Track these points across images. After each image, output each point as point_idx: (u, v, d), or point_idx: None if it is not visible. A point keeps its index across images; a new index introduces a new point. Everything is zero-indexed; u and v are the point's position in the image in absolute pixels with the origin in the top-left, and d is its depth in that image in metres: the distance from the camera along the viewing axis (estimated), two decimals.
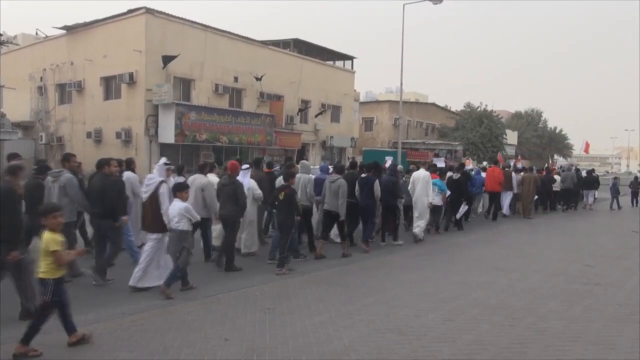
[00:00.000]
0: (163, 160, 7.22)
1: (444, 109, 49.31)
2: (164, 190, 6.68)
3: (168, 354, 4.40)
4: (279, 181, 8.80)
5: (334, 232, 9.71)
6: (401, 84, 26.60)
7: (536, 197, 16.75)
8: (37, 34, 29.96)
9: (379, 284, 7.02)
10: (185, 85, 24.28)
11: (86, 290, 6.44)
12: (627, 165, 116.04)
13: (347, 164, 15.05)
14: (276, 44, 30.44)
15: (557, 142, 70.97)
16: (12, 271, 5.20)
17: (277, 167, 12.88)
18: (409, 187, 11.23)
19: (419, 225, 10.86)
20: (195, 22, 24.50)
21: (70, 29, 25.57)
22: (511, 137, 52.55)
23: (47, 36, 28.43)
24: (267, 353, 4.44)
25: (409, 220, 11.68)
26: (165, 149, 22.73)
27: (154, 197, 6.63)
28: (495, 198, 15.21)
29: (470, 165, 18.04)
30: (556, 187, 18.47)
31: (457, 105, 65.54)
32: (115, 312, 5.54)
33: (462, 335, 5.02)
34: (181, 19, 23.98)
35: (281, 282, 6.98)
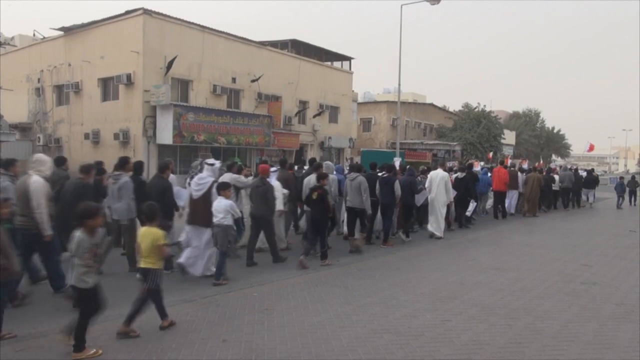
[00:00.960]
0: (218, 162, 7.94)
1: (442, 109, 49.38)
2: (215, 190, 7.35)
3: (166, 354, 4.40)
4: (308, 181, 9.29)
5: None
6: (399, 84, 26.65)
7: None
8: (34, 35, 29.92)
9: (377, 284, 7.03)
10: (183, 86, 24.27)
11: None
12: (625, 165, 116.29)
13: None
14: (274, 44, 30.45)
15: (555, 142, 71.18)
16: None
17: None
18: (425, 186, 11.70)
19: (439, 224, 11.45)
20: (193, 23, 24.49)
21: (67, 30, 25.55)
22: (509, 137, 52.66)
23: (44, 37, 28.40)
24: (265, 354, 4.45)
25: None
26: (163, 150, 22.74)
27: (207, 195, 7.29)
28: (500, 197, 15.79)
29: (478, 166, 18.69)
30: (555, 186, 19.00)
31: (455, 106, 65.63)
32: (112, 314, 5.52)
33: (460, 335, 5.03)
34: (179, 20, 23.98)
35: (279, 283, 6.99)
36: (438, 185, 11.43)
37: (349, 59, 36.02)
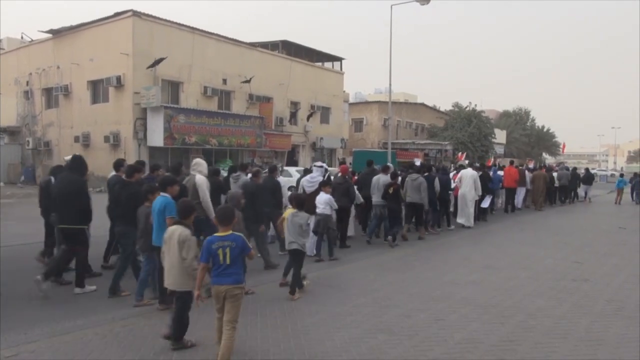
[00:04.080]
0: (325, 164, 10.33)
1: (433, 109, 49.52)
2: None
3: (159, 357, 4.38)
4: (377, 180, 10.55)
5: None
6: (390, 84, 26.70)
7: None
8: (22, 37, 29.63)
9: (370, 284, 7.03)
10: (173, 88, 24.17)
11: (76, 296, 6.39)
12: (615, 162, 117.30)
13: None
14: (264, 45, 30.40)
15: (546, 141, 71.59)
16: (256, 239, 7.83)
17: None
18: (456, 183, 13.39)
19: (468, 217, 13.04)
20: (183, 25, 24.40)
21: (56, 33, 25.35)
22: (500, 136, 52.94)
23: (32, 40, 28.15)
24: (259, 355, 4.44)
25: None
26: (154, 152, 22.62)
27: (318, 190, 8.81)
28: (511, 193, 17.34)
29: (489, 164, 20.38)
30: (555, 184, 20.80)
31: (446, 105, 65.90)
32: (105, 317, 5.50)
33: (453, 334, 5.05)
34: (168, 21, 23.87)
35: (272, 285, 6.96)
36: (467, 182, 12.99)
37: (339, 59, 36.05)
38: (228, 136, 25.12)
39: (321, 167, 9.87)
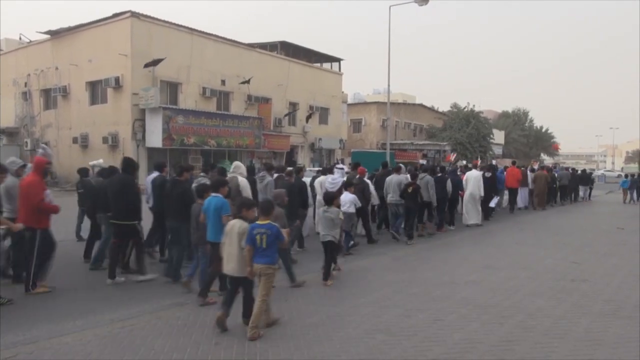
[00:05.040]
0: (345, 166, 11.01)
1: (432, 110, 49.56)
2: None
3: (159, 357, 4.37)
4: (390, 180, 11.04)
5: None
6: (388, 85, 26.71)
7: None
8: (20, 38, 29.62)
9: (369, 284, 7.04)
10: (172, 88, 24.16)
11: (76, 296, 6.39)
12: (613, 163, 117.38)
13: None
14: (263, 46, 30.41)
15: (544, 141, 71.67)
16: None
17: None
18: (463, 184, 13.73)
19: (477, 215, 13.62)
20: (181, 26, 24.40)
21: (54, 34, 25.33)
22: (498, 136, 52.98)
23: (31, 41, 28.13)
24: (258, 356, 4.43)
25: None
26: (153, 153, 22.60)
27: (340, 191, 9.32)
28: (513, 193, 17.86)
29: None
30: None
31: (444, 106, 65.90)
32: (104, 318, 5.50)
33: (452, 334, 5.05)
34: (167, 22, 23.87)
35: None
36: (473, 183, 13.57)
37: (338, 60, 36.08)
38: (227, 137, 25.11)
39: (342, 168, 10.79)
